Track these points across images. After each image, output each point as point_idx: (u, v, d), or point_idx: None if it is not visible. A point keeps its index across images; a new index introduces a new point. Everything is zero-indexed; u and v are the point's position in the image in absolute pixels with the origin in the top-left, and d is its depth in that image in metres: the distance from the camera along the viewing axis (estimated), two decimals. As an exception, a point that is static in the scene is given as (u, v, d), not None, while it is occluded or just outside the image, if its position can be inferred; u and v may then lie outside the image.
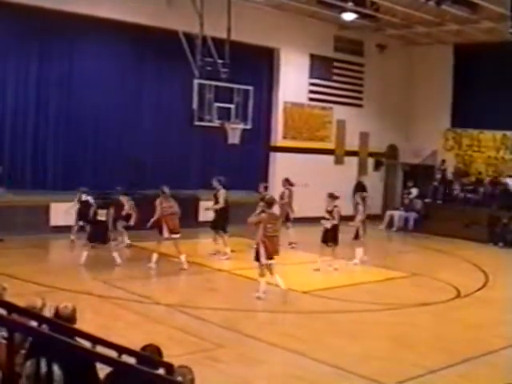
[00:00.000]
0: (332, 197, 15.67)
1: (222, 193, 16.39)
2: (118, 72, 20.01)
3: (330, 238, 15.48)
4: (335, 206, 15.56)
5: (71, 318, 5.82)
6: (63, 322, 5.28)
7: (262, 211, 13.08)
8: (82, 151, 19.48)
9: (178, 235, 14.74)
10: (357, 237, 16.32)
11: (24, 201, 17.60)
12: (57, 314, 5.82)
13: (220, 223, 16.46)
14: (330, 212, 15.36)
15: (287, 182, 18.83)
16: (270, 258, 12.50)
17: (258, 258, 12.60)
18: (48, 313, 5.92)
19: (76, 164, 19.30)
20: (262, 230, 12.48)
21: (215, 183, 16.54)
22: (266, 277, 12.59)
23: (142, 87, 20.72)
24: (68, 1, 17.63)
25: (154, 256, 14.63)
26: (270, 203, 13.14)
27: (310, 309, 12.86)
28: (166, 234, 14.67)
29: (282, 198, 18.36)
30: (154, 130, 20.82)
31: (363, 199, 17.06)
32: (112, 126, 20.00)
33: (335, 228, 15.47)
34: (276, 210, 18.18)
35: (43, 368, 4.19)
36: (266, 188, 17.78)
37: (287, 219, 18.29)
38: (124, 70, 20.21)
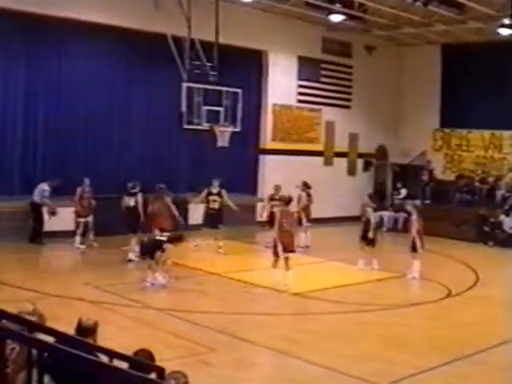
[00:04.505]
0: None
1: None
2: (106, 76, 19.94)
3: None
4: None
5: (92, 330, 5.75)
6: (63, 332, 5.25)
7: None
8: (72, 155, 19.40)
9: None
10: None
11: (12, 206, 17.50)
12: (79, 325, 5.76)
13: None
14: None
15: (305, 186, 18.79)
16: (288, 251, 13.52)
17: (275, 252, 13.55)
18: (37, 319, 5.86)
19: (65, 168, 19.22)
20: (277, 226, 13.46)
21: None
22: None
23: (130, 91, 20.65)
24: (56, 6, 17.57)
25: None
26: (286, 200, 14.34)
27: (301, 310, 12.89)
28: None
29: (299, 201, 18.38)
30: (143, 134, 20.73)
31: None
32: (101, 130, 19.95)
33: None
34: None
35: (34, 378, 4.15)
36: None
37: (299, 223, 18.28)
38: (113, 74, 20.16)
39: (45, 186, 17.31)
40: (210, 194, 17.71)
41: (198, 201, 18.08)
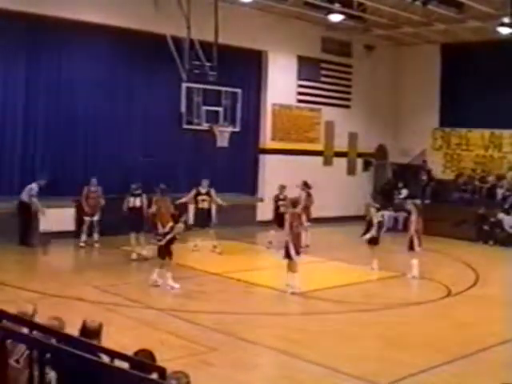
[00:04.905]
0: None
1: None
2: (106, 76, 19.91)
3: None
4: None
5: (97, 332, 5.76)
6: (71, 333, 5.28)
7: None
8: (71, 155, 19.42)
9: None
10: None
11: (13, 206, 17.47)
12: (84, 326, 5.77)
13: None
14: None
15: (305, 185, 18.80)
16: (298, 253, 13.38)
17: (288, 255, 13.31)
18: (38, 319, 5.88)
19: (65, 169, 19.24)
20: (288, 228, 13.31)
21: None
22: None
23: (130, 91, 20.63)
24: (56, 6, 17.56)
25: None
26: (295, 203, 14.23)
27: (302, 310, 12.90)
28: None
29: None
30: (142, 134, 20.75)
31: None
32: (101, 130, 19.94)
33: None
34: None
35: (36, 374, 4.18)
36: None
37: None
38: (112, 74, 20.12)
39: (32, 185, 17.25)
40: (198, 194, 17.73)
41: (183, 201, 18.04)
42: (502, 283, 16.36)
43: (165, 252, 13.43)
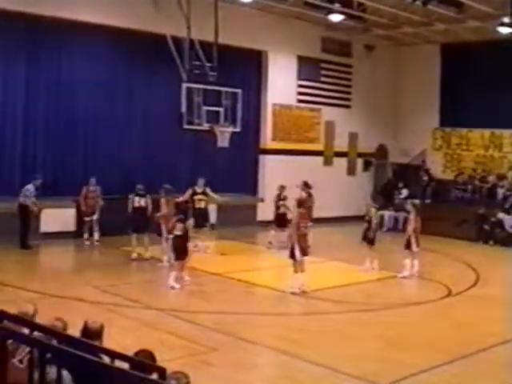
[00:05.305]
0: None
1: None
2: (106, 76, 19.91)
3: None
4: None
5: (98, 333, 5.76)
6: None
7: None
8: (71, 155, 19.42)
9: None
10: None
11: (13, 207, 17.47)
12: (85, 327, 5.77)
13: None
14: None
15: (306, 186, 18.78)
16: (304, 254, 13.27)
17: (292, 256, 13.23)
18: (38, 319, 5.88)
19: (65, 169, 19.25)
20: (295, 229, 13.28)
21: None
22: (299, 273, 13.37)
23: (130, 91, 20.63)
24: (56, 6, 17.58)
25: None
26: (300, 203, 14.33)
27: (302, 310, 12.89)
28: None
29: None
30: (142, 134, 20.76)
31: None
32: (101, 130, 19.94)
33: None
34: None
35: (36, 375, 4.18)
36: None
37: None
38: (113, 74, 20.12)
39: (28, 186, 17.16)
40: (194, 193, 17.62)
41: (180, 200, 17.99)
42: (503, 283, 16.37)
43: (183, 252, 13.44)
